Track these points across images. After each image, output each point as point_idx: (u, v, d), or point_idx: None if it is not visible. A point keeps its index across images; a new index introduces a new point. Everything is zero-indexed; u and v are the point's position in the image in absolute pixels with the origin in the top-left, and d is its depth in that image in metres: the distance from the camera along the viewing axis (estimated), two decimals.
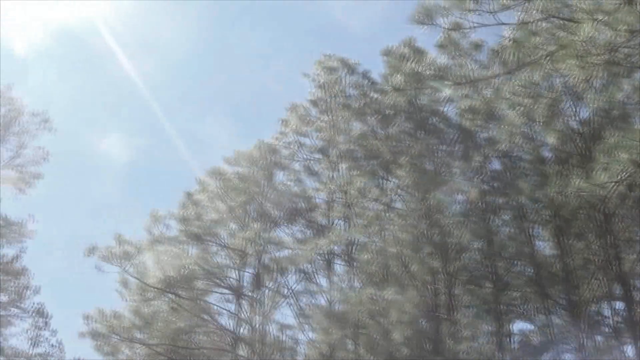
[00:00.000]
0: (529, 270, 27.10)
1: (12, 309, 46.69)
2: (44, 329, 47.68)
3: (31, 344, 46.94)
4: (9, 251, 46.88)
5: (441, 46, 25.73)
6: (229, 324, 29.76)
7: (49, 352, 47.67)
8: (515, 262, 27.00)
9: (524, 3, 15.94)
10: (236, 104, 71.74)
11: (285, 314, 31.61)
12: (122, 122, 73.31)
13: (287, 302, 30.21)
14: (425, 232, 25.45)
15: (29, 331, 47.37)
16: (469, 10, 16.23)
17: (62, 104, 69.71)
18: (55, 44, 60.10)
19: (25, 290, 46.93)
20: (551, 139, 23.76)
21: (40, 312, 47.24)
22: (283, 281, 30.24)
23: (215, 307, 30.25)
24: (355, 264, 27.83)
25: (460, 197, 27.67)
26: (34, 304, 47.62)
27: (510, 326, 29.57)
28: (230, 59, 69.11)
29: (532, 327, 29.65)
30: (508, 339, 28.86)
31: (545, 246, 28.00)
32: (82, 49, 65.20)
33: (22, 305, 46.91)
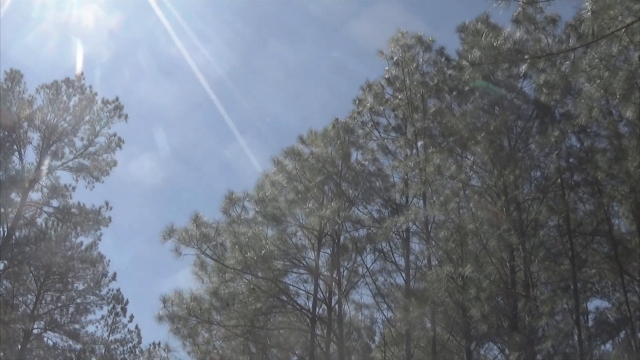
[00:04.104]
0: (606, 247, 28.05)
1: (90, 296, 49.65)
2: (121, 315, 50.60)
3: (109, 330, 49.86)
4: (85, 239, 49.86)
5: (516, 21, 27.01)
6: (307, 304, 31.27)
7: (126, 338, 50.60)
8: (593, 238, 28.05)
9: None
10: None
11: (363, 294, 32.91)
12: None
13: (364, 282, 31.91)
14: (502, 208, 26.86)
15: (106, 318, 50.38)
16: None
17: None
18: None
19: (102, 278, 49.82)
20: (629, 113, 24.22)
21: (117, 299, 50.20)
22: (360, 260, 31.76)
23: (293, 287, 31.72)
24: (432, 241, 29.06)
25: (537, 173, 28.66)
26: (110, 290, 50.49)
27: (587, 304, 30.40)
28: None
29: (609, 304, 30.52)
30: (585, 316, 29.81)
31: (623, 222, 28.83)
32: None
33: (99, 292, 49.83)
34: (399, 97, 31.81)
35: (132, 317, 51.57)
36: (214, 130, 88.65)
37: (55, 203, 49.18)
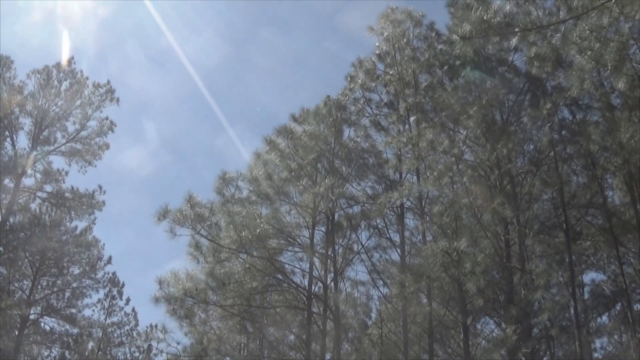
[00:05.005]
0: (601, 219, 28.07)
1: (85, 280, 49.71)
2: (118, 298, 50.71)
3: (105, 313, 50.01)
4: (80, 224, 49.86)
5: None
6: (302, 282, 31.21)
7: (123, 321, 50.76)
8: (587, 210, 28.04)
9: None
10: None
11: (358, 270, 32.97)
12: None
13: (360, 259, 31.98)
14: (496, 182, 26.91)
15: (103, 301, 50.49)
16: None
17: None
18: None
19: (97, 262, 49.85)
20: (620, 84, 24.10)
21: (113, 282, 50.25)
22: (355, 237, 31.73)
23: (288, 266, 31.71)
24: (427, 217, 29.19)
25: (530, 146, 28.65)
26: (106, 274, 50.57)
27: (582, 276, 30.42)
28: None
29: (604, 276, 30.55)
30: (581, 289, 29.81)
31: (616, 194, 28.83)
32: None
33: (95, 276, 49.89)
34: (390, 73, 31.80)
35: (128, 300, 51.95)
36: (205, 119, 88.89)
37: (48, 188, 49.30)
